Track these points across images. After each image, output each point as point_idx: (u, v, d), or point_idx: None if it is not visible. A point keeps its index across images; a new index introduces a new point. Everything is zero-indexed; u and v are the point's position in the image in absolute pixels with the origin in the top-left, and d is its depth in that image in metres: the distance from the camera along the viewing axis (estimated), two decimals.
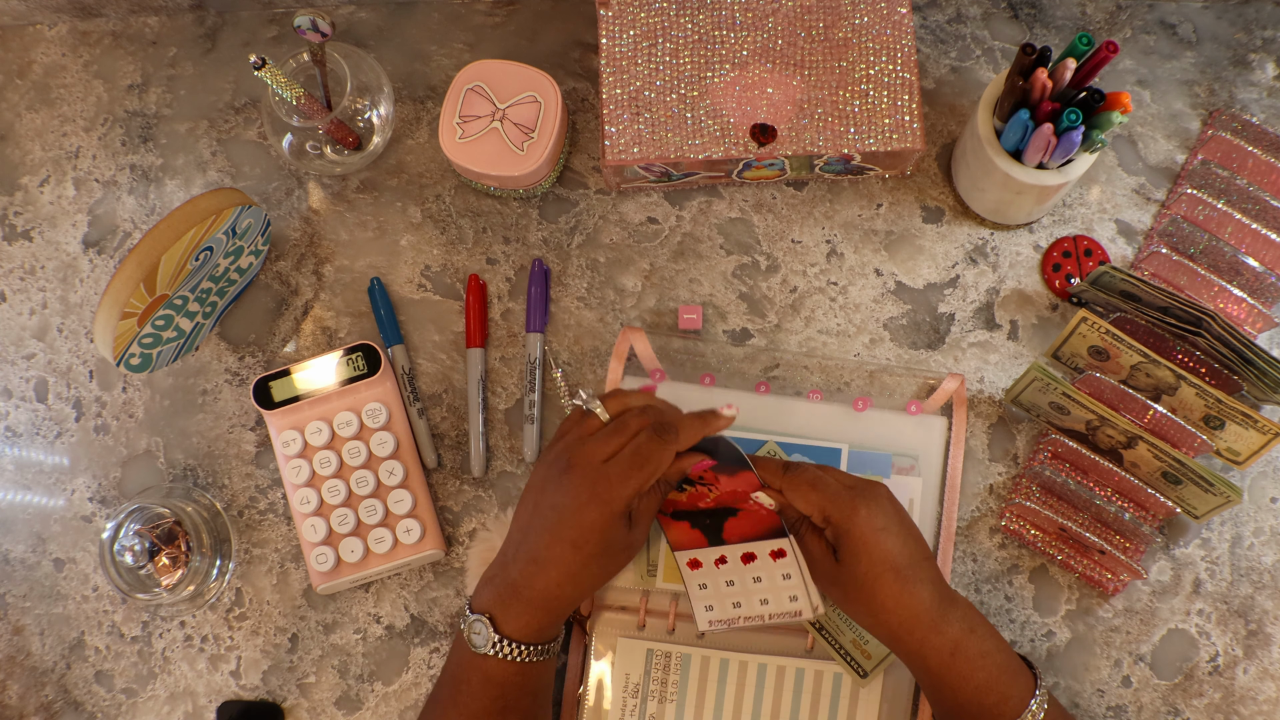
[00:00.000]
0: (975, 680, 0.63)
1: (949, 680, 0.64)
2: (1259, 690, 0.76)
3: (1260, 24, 0.83)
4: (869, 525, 0.65)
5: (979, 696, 0.63)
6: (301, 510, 0.79)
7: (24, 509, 0.83)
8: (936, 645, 0.64)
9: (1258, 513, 0.78)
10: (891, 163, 0.79)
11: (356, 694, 0.79)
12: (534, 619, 0.66)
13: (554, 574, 0.65)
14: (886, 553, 0.65)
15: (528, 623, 0.65)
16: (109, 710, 0.80)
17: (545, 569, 0.65)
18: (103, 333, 0.72)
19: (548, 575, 0.65)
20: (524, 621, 0.65)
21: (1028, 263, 0.81)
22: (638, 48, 0.78)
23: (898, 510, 0.67)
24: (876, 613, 0.65)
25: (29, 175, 0.87)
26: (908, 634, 0.65)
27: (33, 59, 0.88)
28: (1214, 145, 0.80)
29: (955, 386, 0.78)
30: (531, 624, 0.65)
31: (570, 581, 0.65)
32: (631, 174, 0.80)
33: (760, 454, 0.74)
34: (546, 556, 0.65)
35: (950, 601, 0.65)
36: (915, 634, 0.64)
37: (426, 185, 0.85)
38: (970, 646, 0.64)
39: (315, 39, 0.74)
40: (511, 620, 0.65)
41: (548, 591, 0.65)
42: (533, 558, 0.65)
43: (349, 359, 0.79)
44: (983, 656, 0.64)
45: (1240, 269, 0.77)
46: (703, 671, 0.75)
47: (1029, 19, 0.84)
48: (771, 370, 0.80)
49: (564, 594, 0.66)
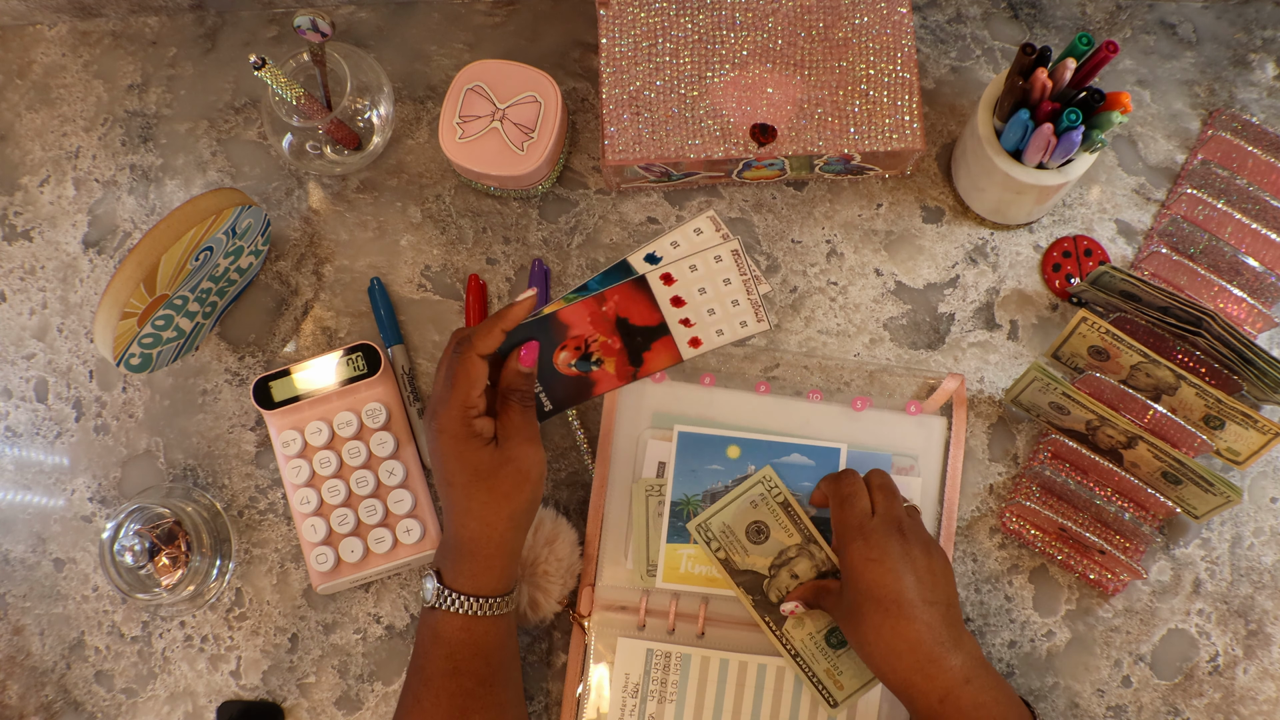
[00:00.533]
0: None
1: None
2: (1259, 690, 0.76)
3: (1260, 24, 0.83)
4: (861, 555, 0.67)
5: None
6: (301, 510, 0.79)
7: (24, 509, 0.83)
8: (923, 688, 0.64)
9: (1258, 513, 0.78)
10: (891, 163, 0.79)
11: (356, 694, 0.79)
12: (468, 566, 0.66)
13: (457, 516, 0.66)
14: (871, 584, 0.66)
15: (464, 570, 0.66)
16: (109, 710, 0.80)
17: (452, 516, 0.66)
18: (103, 333, 0.72)
19: (455, 519, 0.66)
20: (460, 570, 0.66)
21: (1028, 263, 0.81)
22: (638, 48, 0.78)
23: (906, 547, 0.66)
24: (860, 644, 0.67)
25: (29, 175, 0.87)
26: (890, 670, 0.65)
27: (33, 59, 0.88)
28: (1214, 145, 0.80)
29: (955, 386, 0.78)
30: (467, 572, 0.66)
31: (473, 518, 0.65)
32: (631, 174, 0.80)
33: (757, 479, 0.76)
34: (448, 504, 0.66)
35: (951, 646, 0.64)
36: (898, 672, 0.65)
37: (426, 185, 0.85)
38: (963, 696, 0.63)
39: (315, 39, 0.74)
40: (450, 571, 0.66)
41: (463, 534, 0.66)
42: (446, 509, 0.67)
43: (349, 359, 0.79)
44: (976, 708, 0.63)
45: (1240, 269, 0.77)
46: (702, 672, 0.75)
47: (1029, 19, 0.84)
48: (771, 370, 0.80)
49: (479, 534, 0.65)
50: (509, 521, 0.66)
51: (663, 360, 0.71)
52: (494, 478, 0.65)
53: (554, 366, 0.70)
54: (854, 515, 0.69)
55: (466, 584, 0.66)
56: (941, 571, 0.67)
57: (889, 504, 0.69)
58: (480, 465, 0.65)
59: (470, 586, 0.66)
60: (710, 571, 0.76)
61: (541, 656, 0.78)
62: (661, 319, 0.69)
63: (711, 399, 0.79)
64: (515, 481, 0.65)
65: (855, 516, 0.69)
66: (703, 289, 0.68)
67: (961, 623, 0.67)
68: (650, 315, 0.69)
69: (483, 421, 0.65)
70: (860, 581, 0.66)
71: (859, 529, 0.68)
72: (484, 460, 0.65)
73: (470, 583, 0.66)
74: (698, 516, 0.75)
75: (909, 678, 0.64)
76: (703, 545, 0.75)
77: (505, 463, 0.65)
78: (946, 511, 0.78)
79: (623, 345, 0.70)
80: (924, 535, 0.69)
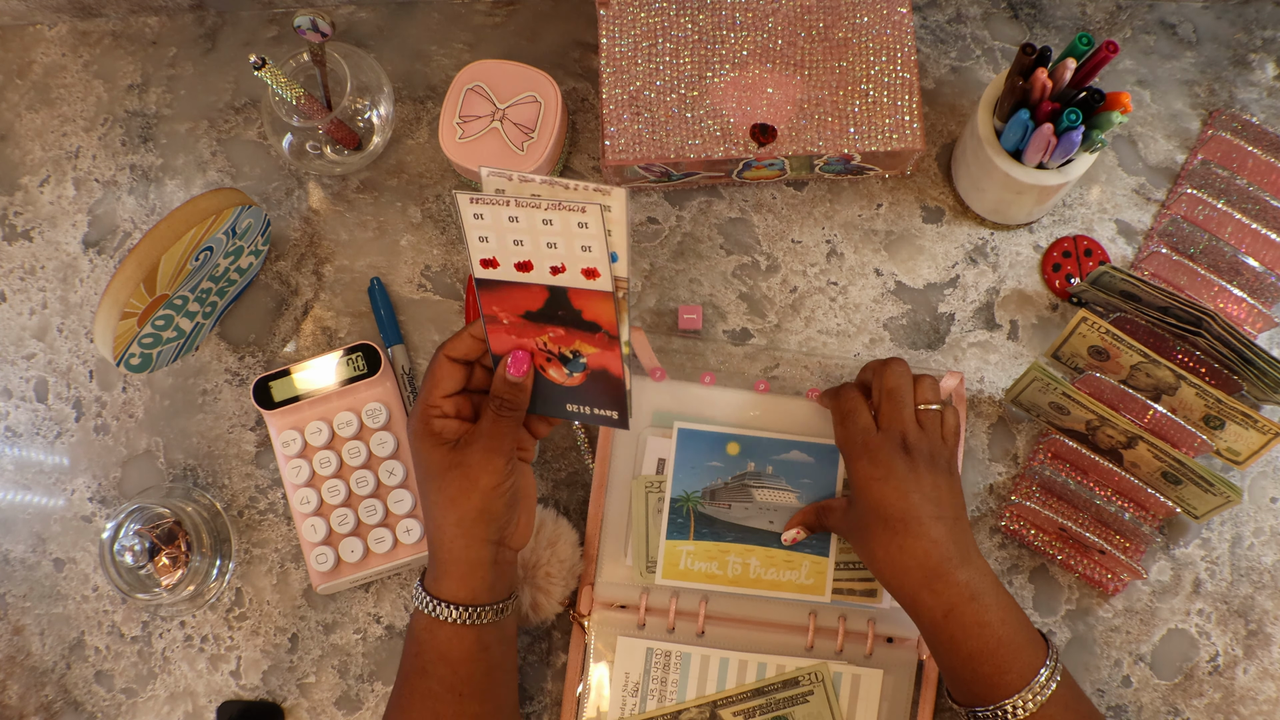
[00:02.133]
0: (968, 647, 0.64)
1: (941, 640, 0.65)
2: (1259, 690, 0.76)
3: (1260, 24, 0.83)
4: (865, 473, 0.67)
5: (972, 664, 0.64)
6: (301, 510, 0.79)
7: (24, 509, 0.83)
8: (928, 603, 0.65)
9: (1258, 513, 0.78)
10: (891, 163, 0.79)
11: (356, 694, 0.79)
12: (431, 568, 0.66)
13: (425, 523, 0.67)
14: (878, 502, 0.66)
15: (430, 571, 0.66)
16: (109, 710, 0.80)
17: (427, 523, 0.66)
18: (103, 333, 0.72)
19: (427, 527, 0.66)
20: (434, 576, 0.66)
21: (1028, 263, 0.81)
22: (638, 48, 0.78)
23: (911, 463, 0.66)
24: (869, 560, 0.68)
25: (29, 175, 0.87)
26: (898, 586, 0.66)
27: (33, 59, 0.88)
28: (1214, 145, 0.80)
29: (955, 385, 0.78)
30: (431, 573, 0.66)
31: (427, 518, 0.66)
32: (631, 174, 0.80)
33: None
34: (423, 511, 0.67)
35: (960, 562, 0.65)
36: (905, 588, 0.65)
37: (426, 185, 0.85)
38: (966, 613, 0.64)
39: (315, 39, 0.74)
40: (430, 578, 0.66)
41: (433, 540, 0.65)
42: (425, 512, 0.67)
43: (349, 359, 0.79)
44: (980, 626, 0.64)
45: (1240, 269, 0.77)
46: (702, 671, 0.75)
47: (1029, 19, 0.84)
48: (771, 370, 0.80)
49: (431, 535, 0.65)
50: (456, 527, 0.64)
51: (600, 310, 0.61)
52: (441, 479, 0.64)
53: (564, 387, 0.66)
54: (856, 432, 0.69)
55: (429, 584, 0.66)
56: (948, 486, 0.67)
57: (894, 416, 0.68)
58: (431, 465, 0.64)
59: (432, 588, 0.66)
60: (710, 569, 0.76)
61: (541, 656, 0.78)
62: (546, 287, 0.61)
63: (711, 398, 0.79)
64: (461, 486, 0.64)
65: (858, 434, 0.68)
66: (552, 243, 0.59)
67: (971, 540, 0.67)
68: (534, 299, 0.62)
69: (444, 422, 0.64)
70: (866, 498, 0.67)
71: (863, 446, 0.68)
72: (435, 460, 0.64)
73: (433, 585, 0.66)
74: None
75: (916, 593, 0.65)
76: None
77: (454, 466, 0.64)
78: None
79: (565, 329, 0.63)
80: (931, 448, 0.68)
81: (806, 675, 0.75)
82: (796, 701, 0.74)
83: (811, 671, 0.75)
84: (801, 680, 0.75)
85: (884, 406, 0.69)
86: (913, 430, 0.68)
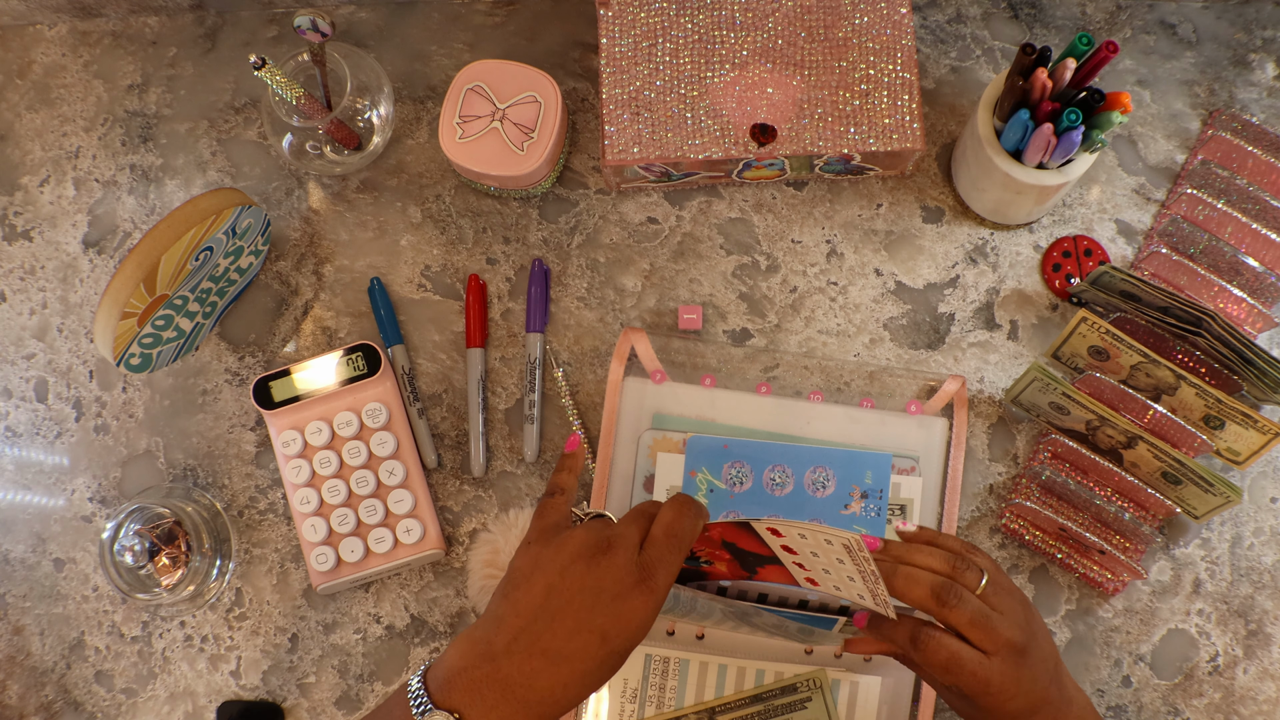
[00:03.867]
0: None
1: None
2: (1259, 690, 0.76)
3: (1260, 24, 0.83)
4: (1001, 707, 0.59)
5: None
6: (301, 510, 0.79)
7: (24, 509, 0.83)
8: None
9: (1258, 513, 0.78)
10: (891, 163, 0.79)
11: (356, 694, 0.79)
12: (468, 684, 0.54)
13: (566, 671, 0.54)
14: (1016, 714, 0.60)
15: (458, 687, 0.54)
16: (109, 710, 0.80)
17: (557, 665, 0.54)
18: (103, 333, 0.72)
19: (557, 673, 0.54)
20: (458, 683, 0.54)
21: (1028, 263, 0.81)
22: (638, 48, 0.78)
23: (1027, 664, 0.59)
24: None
25: (29, 175, 0.87)
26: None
27: (33, 59, 0.88)
28: (1214, 145, 0.80)
29: (956, 388, 0.78)
30: (459, 691, 0.53)
31: (580, 681, 0.54)
32: (631, 174, 0.80)
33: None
34: (564, 650, 0.54)
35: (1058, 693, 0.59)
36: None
37: (426, 185, 0.85)
38: None
39: (315, 39, 0.74)
40: (445, 676, 0.54)
41: (552, 693, 0.54)
42: (542, 650, 0.54)
43: (349, 359, 0.79)
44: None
45: (1240, 269, 0.77)
46: (701, 677, 0.75)
47: (1029, 19, 0.84)
48: (771, 370, 0.80)
49: (568, 696, 0.54)
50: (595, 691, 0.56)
51: (779, 577, 0.61)
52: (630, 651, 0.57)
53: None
54: (972, 680, 0.58)
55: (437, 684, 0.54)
56: (1048, 649, 0.61)
57: (989, 635, 0.58)
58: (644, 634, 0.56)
59: (441, 695, 0.53)
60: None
61: None
62: (771, 551, 0.60)
63: (712, 400, 0.79)
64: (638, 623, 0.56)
65: (977, 678, 0.58)
66: (815, 553, 0.58)
67: (1069, 678, 0.63)
68: (759, 547, 0.60)
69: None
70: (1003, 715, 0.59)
71: (985, 684, 0.57)
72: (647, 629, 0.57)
73: (443, 690, 0.53)
74: None
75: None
76: None
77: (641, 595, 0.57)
78: (947, 512, 0.78)
79: (732, 558, 0.61)
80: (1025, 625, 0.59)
81: (805, 682, 0.75)
82: (795, 708, 0.74)
83: (810, 678, 0.75)
84: (800, 687, 0.75)
85: (973, 634, 0.58)
86: (1006, 630, 0.58)
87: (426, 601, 0.80)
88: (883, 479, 0.76)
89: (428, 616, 0.79)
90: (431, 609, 0.79)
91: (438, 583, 0.80)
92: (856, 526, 0.76)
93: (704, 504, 0.63)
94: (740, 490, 0.77)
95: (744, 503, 0.76)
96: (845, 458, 0.77)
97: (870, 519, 0.76)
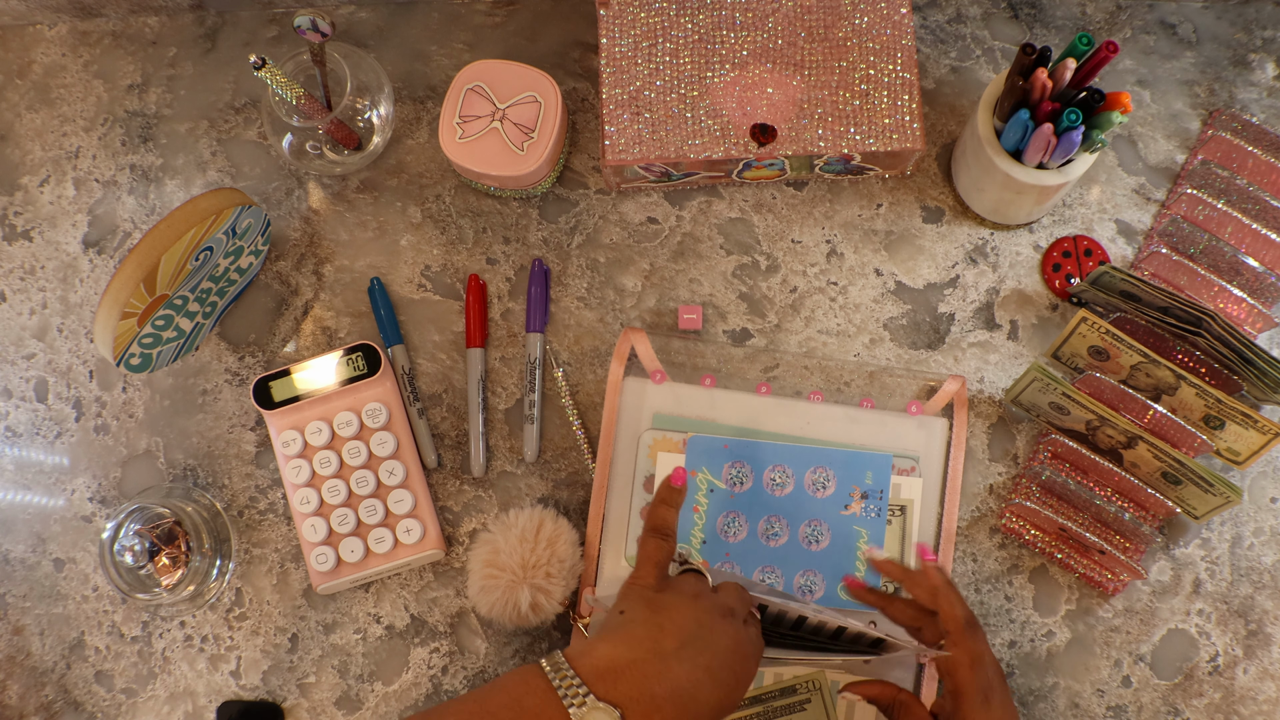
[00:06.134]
0: None
1: None
2: (1259, 690, 0.76)
3: (1260, 24, 0.84)
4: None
5: None
6: (301, 510, 0.79)
7: (24, 509, 0.83)
8: None
9: (1258, 513, 0.78)
10: (891, 163, 0.79)
11: (356, 694, 0.79)
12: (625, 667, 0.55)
13: (719, 696, 0.55)
14: None
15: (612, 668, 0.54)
16: (109, 710, 0.80)
17: (715, 687, 0.55)
18: (103, 333, 0.72)
19: (714, 693, 0.55)
20: (603, 665, 0.54)
21: (1028, 263, 0.81)
22: (638, 48, 0.78)
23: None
24: None
25: (29, 175, 0.87)
26: None
27: (33, 59, 0.88)
28: (1214, 145, 0.80)
29: (956, 389, 0.78)
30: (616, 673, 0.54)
31: (719, 712, 0.56)
32: (631, 174, 0.80)
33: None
34: (720, 676, 0.56)
35: None
36: None
37: (426, 185, 0.85)
38: None
39: (315, 39, 0.74)
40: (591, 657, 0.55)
41: (709, 710, 0.55)
42: (706, 665, 0.56)
43: (349, 359, 0.79)
44: None
45: (1240, 269, 0.77)
46: None
47: (1029, 19, 0.84)
48: (771, 371, 0.80)
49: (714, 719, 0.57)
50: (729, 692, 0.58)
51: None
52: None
53: None
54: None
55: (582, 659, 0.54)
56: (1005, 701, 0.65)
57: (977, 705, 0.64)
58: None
59: (588, 670, 0.54)
60: None
61: (541, 657, 0.78)
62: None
63: (712, 400, 0.79)
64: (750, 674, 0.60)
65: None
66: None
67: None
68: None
69: None
70: None
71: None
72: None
73: (593, 671, 0.54)
74: None
75: None
76: None
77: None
78: (947, 512, 0.78)
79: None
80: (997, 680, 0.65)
81: (804, 683, 0.74)
82: (794, 710, 0.74)
83: (809, 680, 0.75)
84: (799, 688, 0.74)
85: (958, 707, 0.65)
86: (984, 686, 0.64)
87: (426, 601, 0.80)
88: (883, 479, 0.76)
89: (428, 616, 0.79)
90: (431, 609, 0.79)
91: (438, 583, 0.80)
92: (856, 527, 0.76)
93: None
94: (740, 490, 0.77)
95: (744, 502, 0.76)
96: (845, 458, 0.77)
97: (870, 519, 0.76)
